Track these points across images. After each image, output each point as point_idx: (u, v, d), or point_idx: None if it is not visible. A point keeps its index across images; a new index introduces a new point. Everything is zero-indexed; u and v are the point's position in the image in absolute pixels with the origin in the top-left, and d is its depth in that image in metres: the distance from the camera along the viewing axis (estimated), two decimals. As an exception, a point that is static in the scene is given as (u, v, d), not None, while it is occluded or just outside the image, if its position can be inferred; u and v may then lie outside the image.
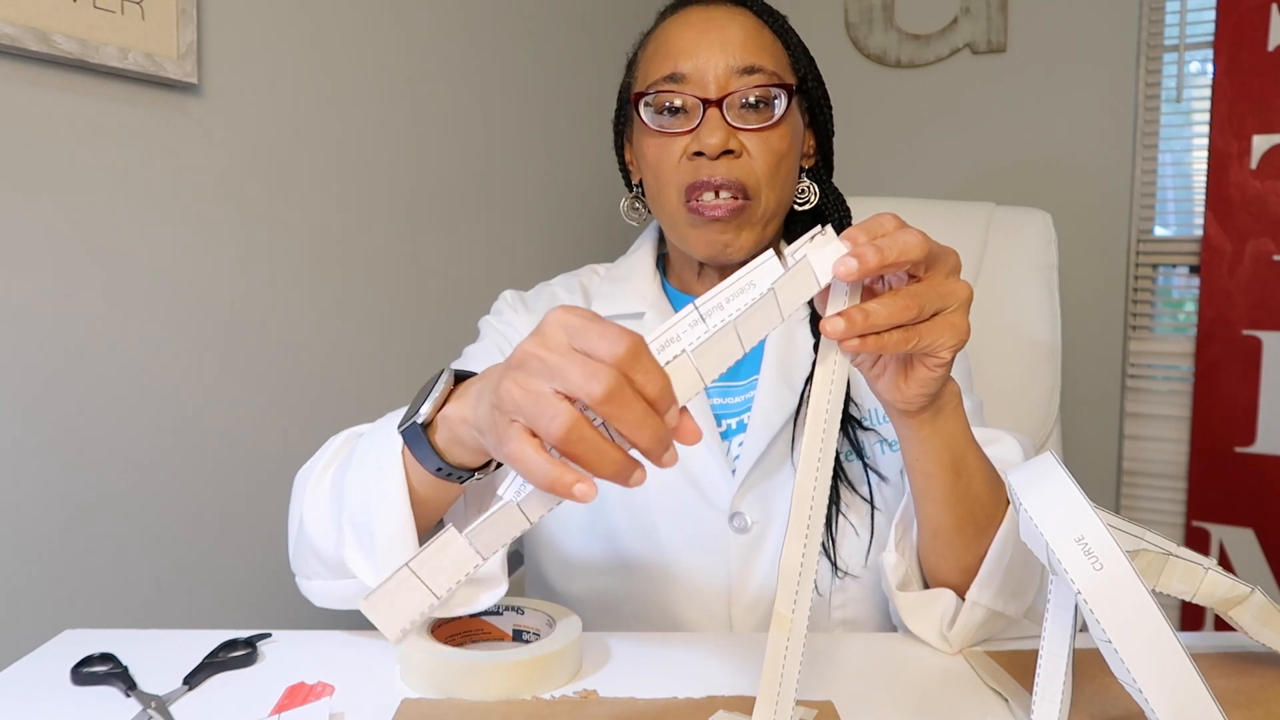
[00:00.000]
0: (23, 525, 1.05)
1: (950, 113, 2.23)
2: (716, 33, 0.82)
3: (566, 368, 0.45)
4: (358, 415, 1.44)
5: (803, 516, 0.51)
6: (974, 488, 0.67)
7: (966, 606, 0.68)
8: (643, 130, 0.85)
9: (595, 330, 0.46)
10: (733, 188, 0.80)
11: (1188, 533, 2.03)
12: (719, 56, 0.81)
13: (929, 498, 0.67)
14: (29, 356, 1.05)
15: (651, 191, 0.87)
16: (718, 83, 0.80)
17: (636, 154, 0.89)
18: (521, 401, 0.47)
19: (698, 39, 0.82)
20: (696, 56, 0.81)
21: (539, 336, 0.48)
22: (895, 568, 0.73)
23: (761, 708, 0.51)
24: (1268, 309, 1.93)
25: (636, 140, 0.88)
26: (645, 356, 0.46)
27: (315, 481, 0.70)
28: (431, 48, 1.59)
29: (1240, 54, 1.93)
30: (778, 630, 0.51)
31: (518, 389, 0.47)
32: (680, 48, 0.82)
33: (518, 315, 0.93)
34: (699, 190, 0.80)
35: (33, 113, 1.03)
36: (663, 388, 0.46)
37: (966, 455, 0.66)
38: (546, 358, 0.46)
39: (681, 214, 0.83)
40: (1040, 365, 1.23)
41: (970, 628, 0.69)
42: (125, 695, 0.60)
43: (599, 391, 0.44)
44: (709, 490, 0.82)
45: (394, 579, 0.47)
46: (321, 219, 1.40)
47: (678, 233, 0.85)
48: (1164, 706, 0.47)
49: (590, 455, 0.45)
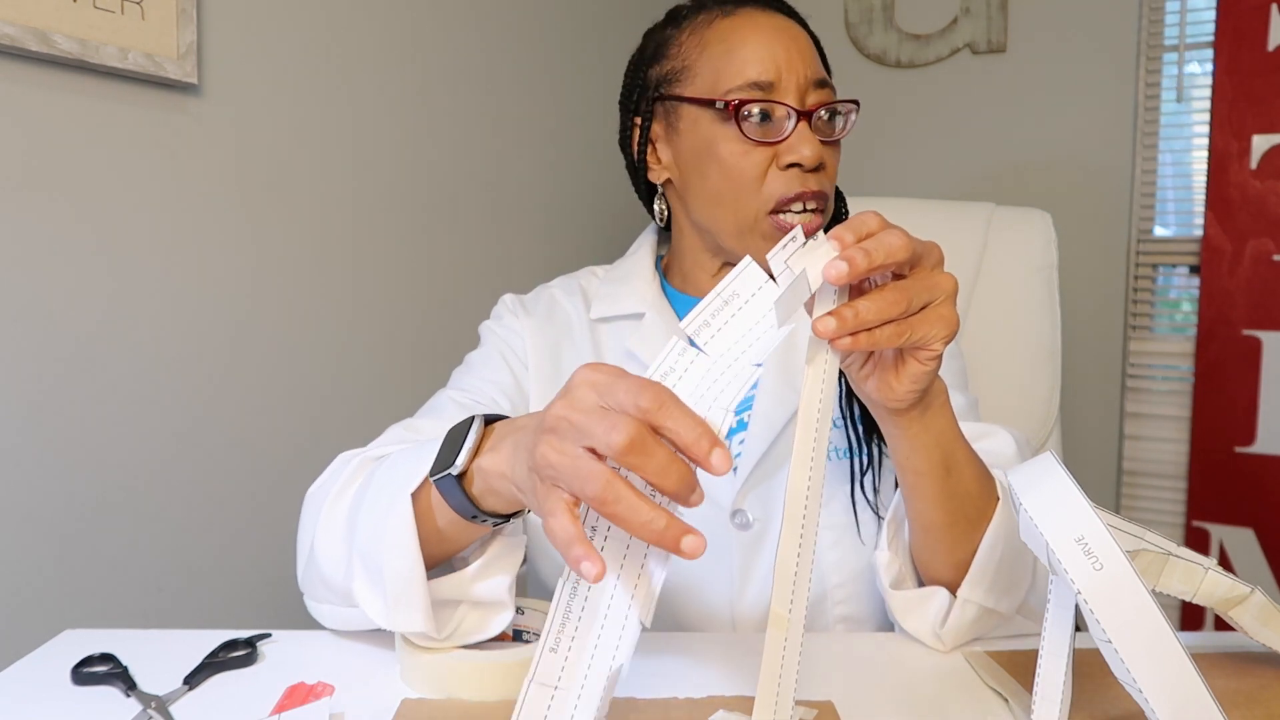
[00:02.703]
0: (23, 525, 1.05)
1: (950, 113, 2.23)
2: (791, 42, 0.82)
3: (592, 425, 0.46)
4: (359, 415, 1.44)
5: (797, 515, 0.51)
6: (964, 484, 0.67)
7: (958, 604, 0.69)
8: (719, 133, 0.82)
9: (621, 385, 0.46)
10: (821, 200, 0.82)
11: (1188, 533, 2.03)
12: (800, 68, 0.81)
13: (920, 495, 0.67)
14: (30, 356, 1.05)
15: (718, 197, 0.83)
16: (799, 92, 0.81)
17: (692, 153, 0.84)
18: (557, 465, 0.47)
19: (774, 46, 0.81)
20: (780, 65, 0.80)
21: (568, 398, 0.48)
22: (888, 566, 0.73)
23: (761, 707, 0.51)
24: (1268, 309, 1.93)
25: (699, 140, 0.83)
26: (670, 403, 0.45)
27: (329, 510, 0.68)
28: (433, 48, 1.59)
29: (1240, 54, 1.93)
30: (775, 630, 0.51)
31: (553, 453, 0.47)
32: (759, 54, 0.81)
33: (517, 319, 0.93)
34: (791, 201, 0.80)
35: (33, 113, 1.03)
36: (698, 432, 0.45)
37: (956, 452, 0.66)
38: (574, 419, 0.47)
39: (764, 224, 0.81)
40: (1040, 365, 1.23)
41: (962, 625, 0.69)
42: (125, 695, 0.60)
43: (620, 442, 0.44)
44: (711, 488, 0.82)
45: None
46: (322, 219, 1.40)
47: (745, 242, 0.83)
48: (1164, 706, 0.47)
49: (626, 515, 0.45)
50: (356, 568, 0.63)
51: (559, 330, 0.92)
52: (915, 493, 0.68)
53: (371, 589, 0.62)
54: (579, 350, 0.91)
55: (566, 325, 0.92)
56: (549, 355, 0.90)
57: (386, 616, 0.61)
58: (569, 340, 0.91)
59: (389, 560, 0.59)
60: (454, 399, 0.85)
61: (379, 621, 0.62)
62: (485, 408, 0.84)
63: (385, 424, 0.82)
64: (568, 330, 0.92)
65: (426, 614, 0.59)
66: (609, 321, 0.91)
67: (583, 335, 0.91)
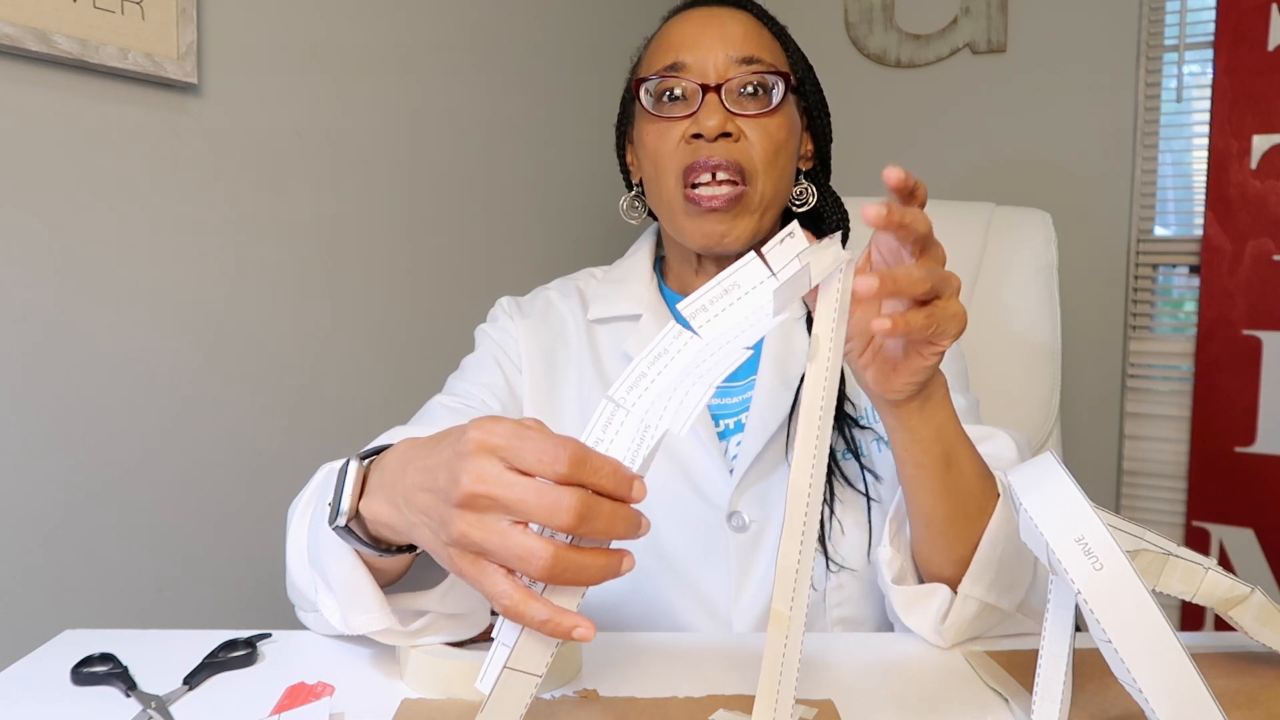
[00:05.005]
0: (23, 525, 1.05)
1: (950, 113, 2.23)
2: (717, 27, 0.84)
3: (522, 501, 0.44)
4: (359, 415, 1.44)
5: (799, 514, 0.50)
6: (964, 478, 0.67)
7: (959, 600, 0.68)
8: (643, 118, 0.86)
9: (529, 448, 0.45)
10: (730, 169, 0.81)
11: (1188, 533, 2.03)
12: (719, 47, 0.83)
13: (920, 488, 0.67)
14: (29, 356, 1.05)
15: (650, 181, 0.87)
16: (717, 71, 0.83)
17: (636, 145, 0.90)
18: (485, 544, 0.45)
19: (699, 32, 0.84)
20: (697, 48, 0.83)
21: (471, 471, 0.45)
22: (890, 562, 0.72)
23: (761, 706, 0.51)
24: (1268, 309, 1.93)
25: (637, 131, 0.89)
26: (590, 457, 0.45)
27: (295, 525, 0.69)
28: (432, 48, 1.59)
29: (1240, 54, 1.93)
30: (776, 628, 0.51)
31: (476, 532, 0.45)
32: (681, 41, 0.84)
33: (514, 322, 0.93)
34: (696, 172, 0.81)
35: (33, 113, 1.03)
36: (618, 477, 0.45)
37: (956, 446, 0.66)
38: (494, 494, 0.45)
39: (679, 201, 0.83)
40: (1040, 365, 1.23)
41: (963, 621, 0.69)
42: (125, 695, 0.60)
43: (570, 520, 0.44)
44: (707, 490, 0.82)
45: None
46: (321, 218, 1.40)
47: (675, 223, 0.85)
48: (1164, 706, 0.47)
49: (578, 576, 0.45)
50: (317, 579, 0.63)
51: (554, 333, 0.92)
52: (915, 486, 0.67)
53: (329, 596, 0.62)
54: (574, 352, 0.90)
55: (562, 327, 0.92)
56: (543, 358, 0.90)
57: (344, 621, 0.60)
58: (564, 343, 0.91)
59: (330, 566, 0.59)
60: (445, 404, 0.86)
61: (341, 627, 0.61)
62: (476, 412, 0.85)
63: (388, 423, 0.82)
64: (563, 332, 0.92)
65: (380, 613, 0.59)
66: (605, 323, 0.91)
67: (579, 337, 0.91)
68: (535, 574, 0.44)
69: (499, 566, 0.46)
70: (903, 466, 0.67)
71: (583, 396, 0.88)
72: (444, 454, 0.48)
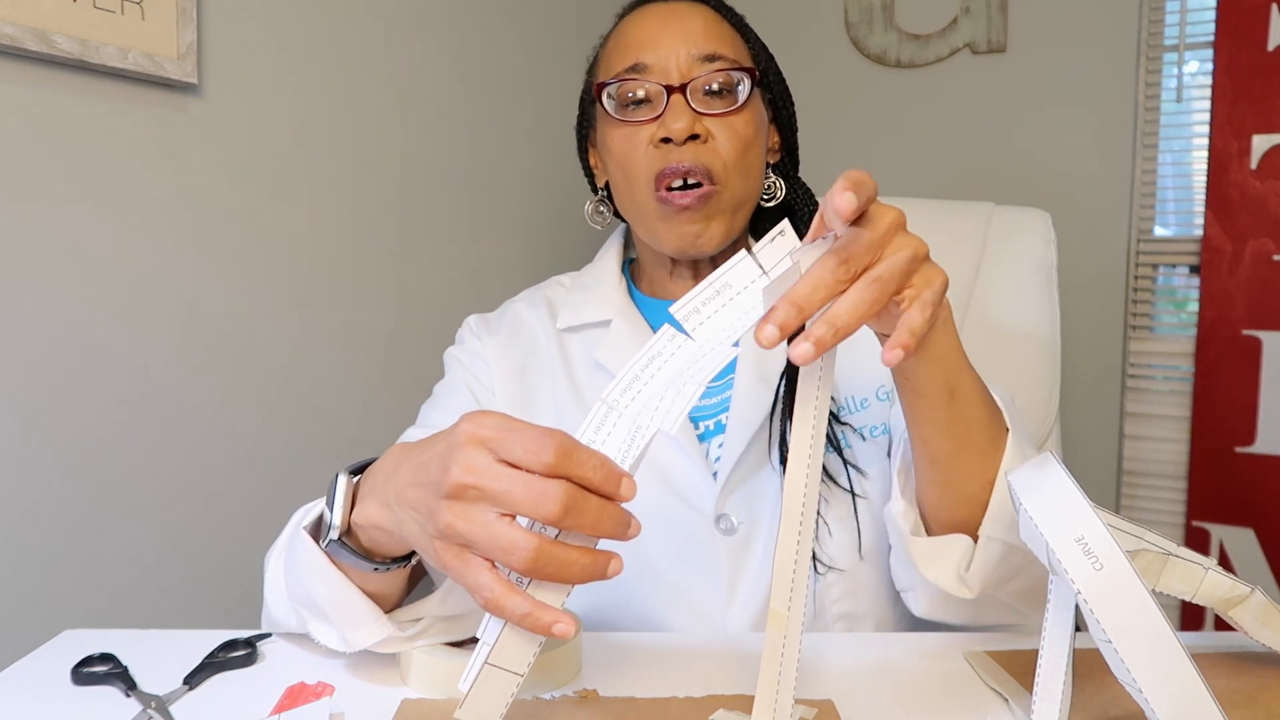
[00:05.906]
0: (23, 525, 1.05)
1: (950, 113, 2.23)
2: (676, 24, 0.82)
3: (508, 493, 0.44)
4: (360, 416, 1.44)
5: (795, 512, 0.50)
6: (971, 408, 0.63)
7: (981, 543, 0.65)
8: (607, 123, 0.84)
9: (517, 440, 0.45)
10: (700, 174, 0.79)
11: (1188, 533, 2.03)
12: (680, 45, 0.80)
13: (924, 419, 0.63)
14: (29, 357, 1.05)
15: (619, 186, 0.85)
16: (680, 70, 0.80)
17: (601, 151, 0.87)
18: (469, 535, 0.45)
19: (658, 30, 0.82)
20: (658, 47, 0.81)
21: (461, 462, 0.46)
22: (905, 514, 0.69)
23: (761, 706, 0.51)
24: (1268, 309, 1.93)
25: (601, 137, 0.86)
26: (575, 450, 0.45)
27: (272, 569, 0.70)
28: (432, 48, 1.59)
29: (1240, 54, 1.93)
30: (774, 628, 0.51)
31: (461, 522, 0.45)
32: (640, 40, 0.82)
33: (481, 341, 0.92)
34: (667, 178, 0.79)
35: (33, 113, 1.03)
36: (605, 471, 0.45)
37: (960, 374, 0.62)
38: (482, 484, 0.45)
39: (651, 205, 0.81)
40: (1040, 365, 1.23)
41: (988, 565, 0.65)
42: (125, 695, 0.60)
43: (555, 512, 0.43)
44: (691, 495, 0.81)
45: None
46: (321, 218, 1.40)
47: (648, 227, 0.84)
48: (1164, 706, 0.47)
49: (561, 572, 0.45)
50: (305, 614, 0.63)
51: (525, 347, 0.91)
52: (919, 417, 0.63)
53: (322, 623, 0.62)
54: (546, 364, 0.89)
55: (532, 340, 0.91)
56: (515, 375, 0.89)
57: (344, 641, 0.61)
58: (536, 356, 0.90)
59: (318, 590, 0.59)
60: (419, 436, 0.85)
61: (341, 648, 0.61)
62: None
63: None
64: (533, 345, 0.90)
65: (377, 624, 0.59)
66: (576, 331, 0.90)
67: (549, 348, 0.90)
68: (518, 566, 0.44)
69: (483, 559, 0.46)
70: (905, 396, 0.63)
71: (557, 407, 0.86)
72: (437, 448, 0.49)
